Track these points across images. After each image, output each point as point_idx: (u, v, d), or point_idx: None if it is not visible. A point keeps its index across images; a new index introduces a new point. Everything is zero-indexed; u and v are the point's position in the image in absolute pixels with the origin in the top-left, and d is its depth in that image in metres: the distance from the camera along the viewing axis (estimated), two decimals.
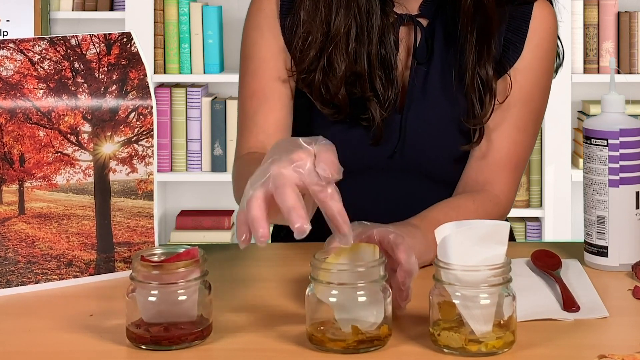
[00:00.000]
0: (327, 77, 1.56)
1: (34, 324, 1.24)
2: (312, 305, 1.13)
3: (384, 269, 1.14)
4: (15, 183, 1.34)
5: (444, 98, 1.59)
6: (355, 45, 1.56)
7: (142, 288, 1.14)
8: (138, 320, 1.15)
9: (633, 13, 3.46)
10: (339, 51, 1.55)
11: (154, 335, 1.14)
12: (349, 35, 1.55)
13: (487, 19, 1.56)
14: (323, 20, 1.56)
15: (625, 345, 1.14)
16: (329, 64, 1.56)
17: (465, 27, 1.56)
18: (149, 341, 1.14)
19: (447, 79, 1.59)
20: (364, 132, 1.58)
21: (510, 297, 1.12)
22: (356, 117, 1.58)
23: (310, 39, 1.56)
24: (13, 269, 1.34)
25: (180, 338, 1.14)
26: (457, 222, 1.14)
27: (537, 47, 1.61)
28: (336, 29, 1.55)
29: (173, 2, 3.51)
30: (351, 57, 1.55)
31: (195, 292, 1.15)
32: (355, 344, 1.12)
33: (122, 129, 1.39)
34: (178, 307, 1.14)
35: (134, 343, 1.15)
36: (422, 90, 1.59)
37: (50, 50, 1.36)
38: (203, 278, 1.16)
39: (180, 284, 1.14)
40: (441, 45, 1.60)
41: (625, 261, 1.41)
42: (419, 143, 1.59)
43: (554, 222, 3.44)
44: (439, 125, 1.59)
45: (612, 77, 1.44)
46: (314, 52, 1.56)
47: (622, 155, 1.40)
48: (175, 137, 3.53)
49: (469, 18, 1.56)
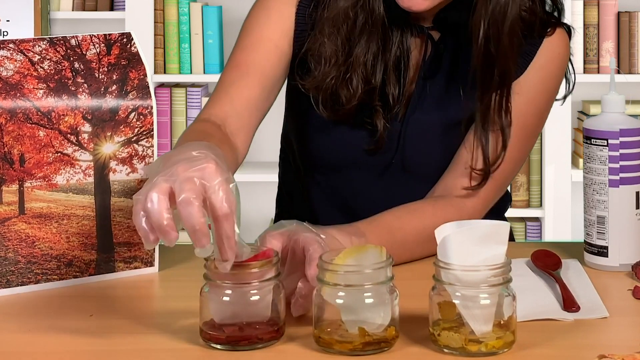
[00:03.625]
0: (340, 87, 1.54)
1: (34, 324, 1.24)
2: (319, 306, 1.13)
3: (391, 270, 1.14)
4: (15, 183, 1.34)
5: (445, 112, 1.58)
6: (373, 61, 1.54)
7: (216, 287, 1.14)
8: (210, 320, 1.15)
9: (633, 13, 3.46)
10: (357, 68, 1.54)
11: (230, 335, 1.13)
12: (369, 54, 1.54)
13: (504, 69, 1.52)
14: (344, 39, 1.54)
15: (625, 345, 1.14)
16: (345, 77, 1.54)
17: (482, 73, 1.53)
18: (224, 341, 1.13)
19: (450, 93, 1.58)
20: (361, 136, 1.58)
21: (510, 297, 1.12)
22: (359, 121, 1.57)
23: (329, 56, 1.54)
24: (13, 269, 1.34)
25: (258, 337, 1.13)
26: (457, 222, 1.14)
27: (541, 69, 1.57)
28: (357, 53, 1.54)
29: (173, 2, 3.51)
30: (368, 72, 1.54)
31: (269, 292, 1.14)
32: (362, 346, 1.11)
33: (122, 129, 1.39)
34: (252, 307, 1.14)
35: (208, 343, 1.14)
36: (424, 102, 1.58)
37: (50, 51, 1.36)
38: (277, 279, 1.15)
39: (254, 284, 1.14)
40: (449, 61, 1.58)
41: (625, 261, 1.41)
42: (417, 154, 1.59)
43: (554, 222, 3.44)
44: (437, 138, 1.58)
45: (612, 77, 1.44)
46: (335, 71, 1.54)
47: (622, 155, 1.40)
48: (175, 137, 3.53)
49: (482, 60, 1.52)
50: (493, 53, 1.51)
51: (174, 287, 1.37)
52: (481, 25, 1.50)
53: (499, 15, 1.50)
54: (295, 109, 1.66)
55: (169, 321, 1.26)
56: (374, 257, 1.14)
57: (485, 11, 1.50)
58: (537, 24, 1.56)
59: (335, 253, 1.14)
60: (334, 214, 1.64)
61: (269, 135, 3.71)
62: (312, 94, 1.57)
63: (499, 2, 1.50)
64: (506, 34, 1.51)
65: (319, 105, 1.56)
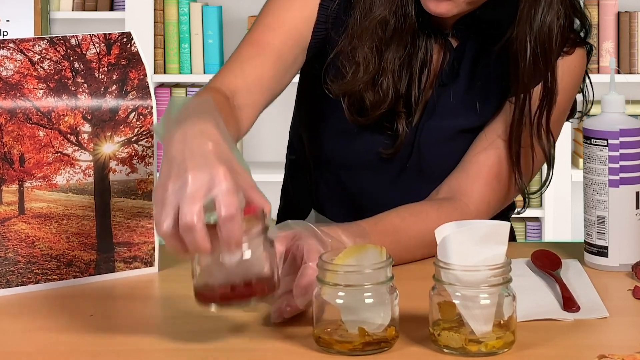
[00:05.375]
0: (369, 92, 1.54)
1: (34, 324, 1.24)
2: (319, 306, 1.13)
3: (391, 270, 1.14)
4: (15, 183, 1.34)
5: (461, 120, 1.58)
6: (401, 66, 1.54)
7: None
8: (203, 284, 1.14)
9: (633, 13, 3.46)
10: (388, 73, 1.53)
11: (223, 293, 1.13)
12: (397, 59, 1.54)
13: (550, 86, 1.53)
14: (378, 45, 1.54)
15: (625, 345, 1.14)
16: (374, 84, 1.54)
17: (525, 86, 1.53)
18: (217, 299, 1.13)
19: (467, 101, 1.58)
20: (380, 141, 1.57)
21: (510, 297, 1.12)
22: (380, 126, 1.57)
23: (363, 60, 1.53)
24: (13, 269, 1.34)
25: (253, 294, 1.13)
26: (457, 222, 1.14)
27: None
28: (388, 58, 1.53)
29: (173, 2, 3.51)
30: (396, 77, 1.54)
31: (258, 247, 1.13)
32: (362, 346, 1.11)
33: (122, 129, 1.39)
34: (243, 264, 1.12)
35: (203, 306, 1.14)
36: (440, 109, 1.58)
37: (50, 50, 1.36)
38: (265, 233, 1.14)
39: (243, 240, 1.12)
40: (468, 69, 1.58)
41: (625, 261, 1.41)
42: (431, 160, 1.58)
43: (554, 222, 3.44)
44: (451, 145, 1.58)
45: (612, 77, 1.44)
46: (367, 76, 1.53)
47: (622, 155, 1.40)
48: None
49: (529, 75, 1.52)
50: (541, 68, 1.51)
51: (174, 287, 1.37)
52: (527, 42, 1.50)
53: (546, 35, 1.50)
54: (314, 109, 1.65)
55: (169, 321, 1.26)
56: (374, 257, 1.14)
57: (530, 28, 1.49)
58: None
59: (335, 253, 1.14)
60: (339, 211, 1.64)
61: (269, 135, 3.72)
62: (339, 97, 1.56)
63: (544, 21, 1.49)
64: (555, 51, 1.51)
65: (345, 109, 1.55)
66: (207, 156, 1.12)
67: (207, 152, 1.13)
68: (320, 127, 1.63)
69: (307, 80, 1.67)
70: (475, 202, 1.52)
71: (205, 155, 1.12)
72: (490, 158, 1.54)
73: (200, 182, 1.10)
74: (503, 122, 1.55)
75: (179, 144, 1.14)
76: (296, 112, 1.73)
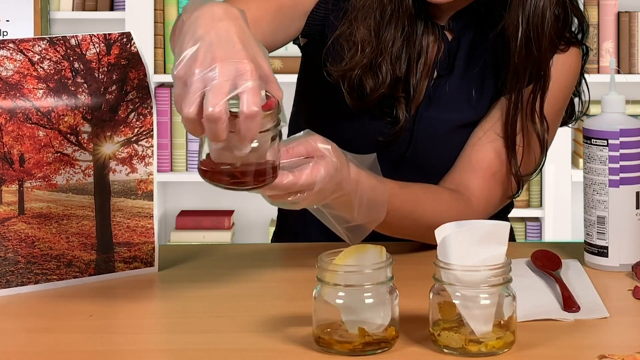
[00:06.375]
0: (367, 76, 1.55)
1: (34, 324, 1.24)
2: (319, 306, 1.13)
3: (391, 270, 1.14)
4: (15, 183, 1.34)
5: (456, 112, 1.58)
6: (399, 51, 1.55)
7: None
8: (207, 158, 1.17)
9: (633, 13, 3.46)
10: (386, 56, 1.54)
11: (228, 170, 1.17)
12: (396, 42, 1.55)
13: (543, 71, 1.54)
14: (375, 27, 1.55)
15: (625, 345, 1.14)
16: (372, 66, 1.55)
17: (516, 72, 1.54)
18: (219, 178, 1.17)
19: (463, 94, 1.58)
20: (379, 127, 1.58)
21: (510, 297, 1.12)
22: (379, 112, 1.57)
23: (361, 41, 1.54)
24: (13, 269, 1.34)
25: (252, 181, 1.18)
26: (457, 222, 1.14)
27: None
28: (386, 39, 1.54)
29: (173, 2, 3.51)
30: (395, 61, 1.55)
31: (266, 142, 1.16)
32: (362, 346, 1.11)
33: (122, 129, 1.39)
34: (250, 154, 1.16)
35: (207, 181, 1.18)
36: (436, 101, 1.58)
37: (50, 50, 1.36)
38: (276, 129, 1.17)
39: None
40: (463, 62, 1.59)
41: (625, 261, 1.41)
42: (428, 151, 1.59)
43: (554, 222, 3.44)
44: (448, 137, 1.58)
45: (612, 77, 1.44)
46: (365, 58, 1.54)
47: (622, 155, 1.40)
48: (175, 137, 3.53)
49: (521, 59, 1.53)
50: (534, 53, 1.52)
51: (174, 287, 1.37)
52: (519, 25, 1.51)
53: (538, 18, 1.51)
54: (313, 96, 1.66)
55: (169, 321, 1.26)
56: (374, 257, 1.14)
57: (523, 11, 1.51)
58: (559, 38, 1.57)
59: (335, 253, 1.14)
60: None
61: None
62: (339, 81, 1.57)
63: (537, 5, 1.51)
64: (547, 35, 1.52)
65: (345, 93, 1.56)
66: (234, 45, 1.14)
67: (234, 40, 1.15)
68: (320, 115, 1.63)
69: (307, 69, 1.68)
70: (474, 195, 1.54)
71: (233, 44, 1.14)
72: (489, 154, 1.55)
73: (227, 74, 1.12)
74: (499, 117, 1.56)
75: (206, 23, 1.16)
76: (295, 108, 1.73)
